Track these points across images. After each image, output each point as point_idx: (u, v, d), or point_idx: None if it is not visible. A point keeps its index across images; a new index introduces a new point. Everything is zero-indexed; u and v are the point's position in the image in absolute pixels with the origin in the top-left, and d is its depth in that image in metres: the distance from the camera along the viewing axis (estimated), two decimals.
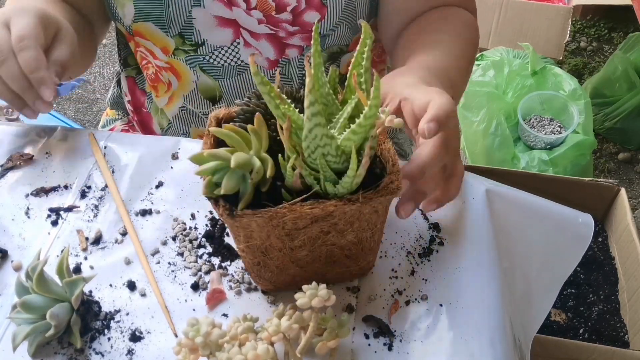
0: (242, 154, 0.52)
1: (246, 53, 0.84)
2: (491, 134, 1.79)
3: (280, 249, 0.57)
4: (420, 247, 0.67)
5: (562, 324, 1.31)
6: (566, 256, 0.73)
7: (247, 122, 0.55)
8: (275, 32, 0.82)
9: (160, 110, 0.95)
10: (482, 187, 0.71)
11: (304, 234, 0.55)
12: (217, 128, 0.53)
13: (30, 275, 0.58)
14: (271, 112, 0.52)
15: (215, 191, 0.52)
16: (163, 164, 0.75)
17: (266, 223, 0.52)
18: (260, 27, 0.81)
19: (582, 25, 2.46)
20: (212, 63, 0.85)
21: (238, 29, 0.82)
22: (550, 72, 1.90)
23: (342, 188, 0.52)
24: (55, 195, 0.72)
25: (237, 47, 0.83)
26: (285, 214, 0.52)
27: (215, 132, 0.53)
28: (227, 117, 0.60)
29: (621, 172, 2.02)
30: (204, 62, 0.85)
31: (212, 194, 0.53)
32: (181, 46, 0.84)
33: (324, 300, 0.53)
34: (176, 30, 0.82)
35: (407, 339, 0.60)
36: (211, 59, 0.84)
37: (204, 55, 0.84)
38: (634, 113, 1.96)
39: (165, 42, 0.84)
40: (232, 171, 0.52)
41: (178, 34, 0.82)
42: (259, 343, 0.54)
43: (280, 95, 0.51)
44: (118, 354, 0.59)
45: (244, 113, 0.58)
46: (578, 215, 0.72)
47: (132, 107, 0.99)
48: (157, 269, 0.65)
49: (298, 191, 0.54)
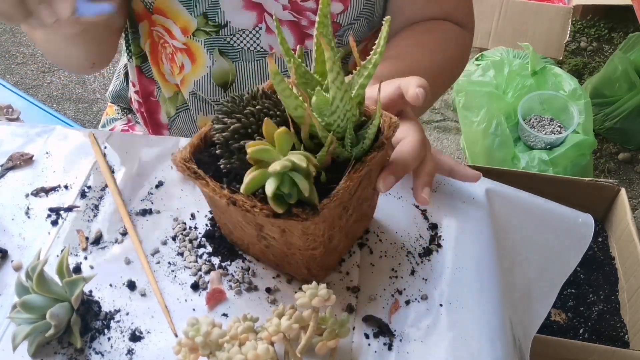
0: (299, 154, 0.52)
1: (266, 39, 0.84)
2: (491, 134, 1.80)
3: (340, 226, 0.58)
4: (420, 247, 0.67)
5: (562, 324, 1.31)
6: (566, 256, 0.73)
7: (242, 139, 0.55)
8: (298, 20, 0.83)
9: (168, 99, 0.95)
10: (482, 187, 0.71)
11: (354, 199, 0.57)
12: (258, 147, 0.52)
13: (30, 275, 0.58)
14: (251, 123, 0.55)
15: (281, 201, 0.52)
16: (163, 164, 0.75)
17: (336, 205, 0.54)
18: (284, 14, 0.82)
19: (582, 25, 2.46)
20: (232, 45, 0.85)
21: (262, 13, 0.82)
22: (550, 72, 1.90)
23: (369, 140, 0.55)
24: (55, 195, 0.72)
25: (259, 32, 0.84)
26: (349, 185, 0.54)
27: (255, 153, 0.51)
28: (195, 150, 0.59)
29: (621, 172, 2.02)
30: (224, 44, 0.85)
31: (284, 208, 0.52)
32: (203, 27, 0.83)
33: (324, 300, 0.54)
34: (201, 10, 0.81)
35: (407, 339, 0.60)
36: (232, 41, 0.84)
37: (225, 37, 0.84)
38: (634, 113, 1.97)
39: (186, 22, 0.83)
40: (298, 174, 0.51)
41: (202, 14, 0.82)
42: (259, 343, 0.54)
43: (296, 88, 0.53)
44: (118, 353, 0.59)
45: (234, 133, 0.56)
46: (578, 216, 0.72)
47: (141, 96, 0.99)
48: (157, 268, 0.65)
49: (325, 168, 0.55)
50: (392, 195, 0.71)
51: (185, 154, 0.58)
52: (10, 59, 2.46)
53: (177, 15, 0.83)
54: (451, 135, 2.14)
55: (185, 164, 0.57)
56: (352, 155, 0.56)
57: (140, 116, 1.02)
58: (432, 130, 2.15)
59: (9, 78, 2.36)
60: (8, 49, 2.50)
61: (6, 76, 2.37)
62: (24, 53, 2.49)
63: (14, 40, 2.54)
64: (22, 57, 2.47)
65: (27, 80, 2.37)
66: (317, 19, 0.54)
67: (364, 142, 0.55)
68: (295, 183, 0.51)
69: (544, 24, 2.13)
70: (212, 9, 0.81)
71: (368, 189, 0.60)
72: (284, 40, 0.54)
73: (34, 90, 2.32)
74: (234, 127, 0.56)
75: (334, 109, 0.53)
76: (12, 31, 2.57)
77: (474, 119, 1.83)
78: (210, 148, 0.59)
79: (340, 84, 0.51)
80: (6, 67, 2.42)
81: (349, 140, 0.55)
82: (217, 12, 0.82)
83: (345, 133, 0.55)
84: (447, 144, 2.11)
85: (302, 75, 0.56)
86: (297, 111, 0.53)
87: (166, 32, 0.86)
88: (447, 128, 2.16)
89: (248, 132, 0.56)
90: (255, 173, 0.52)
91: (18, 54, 2.49)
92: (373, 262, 0.66)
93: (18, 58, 2.47)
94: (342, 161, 0.56)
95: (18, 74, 2.39)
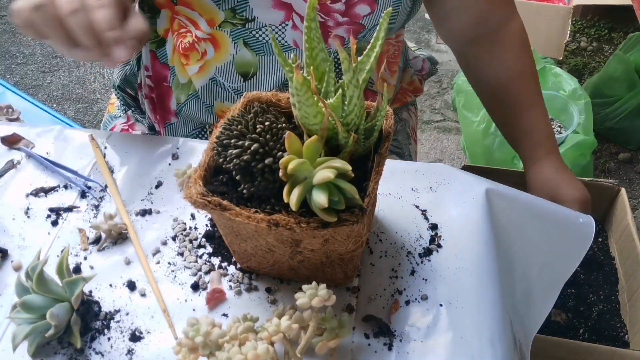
0: (337, 160, 0.52)
1: (291, 35, 0.85)
2: (491, 134, 1.80)
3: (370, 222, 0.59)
4: (420, 247, 0.67)
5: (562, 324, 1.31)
6: (567, 257, 0.73)
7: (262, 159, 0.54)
8: (324, 21, 0.83)
9: (181, 85, 0.95)
10: (482, 187, 0.71)
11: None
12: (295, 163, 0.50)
13: (30, 275, 0.58)
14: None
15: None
16: (163, 164, 0.75)
17: (374, 201, 0.55)
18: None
19: (582, 25, 2.46)
20: (256, 38, 0.85)
21: (291, 12, 0.83)
22: (550, 72, 1.90)
23: (376, 131, 0.57)
24: (55, 195, 0.72)
25: (285, 28, 0.84)
26: (377, 179, 0.55)
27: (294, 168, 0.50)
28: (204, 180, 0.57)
29: (621, 172, 2.02)
30: (249, 36, 0.85)
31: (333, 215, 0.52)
32: (230, 19, 0.84)
33: (324, 300, 0.54)
34: (230, 5, 0.82)
35: (407, 339, 0.60)
36: (257, 34, 0.85)
37: (251, 30, 0.84)
38: (634, 113, 1.96)
39: (213, 14, 0.84)
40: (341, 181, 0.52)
41: (230, 8, 0.82)
42: (259, 343, 0.54)
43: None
44: (118, 354, 0.59)
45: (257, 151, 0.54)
46: (579, 216, 0.72)
47: (153, 80, 0.99)
48: (157, 269, 0.65)
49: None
50: (392, 195, 0.71)
51: (199, 188, 0.55)
52: (10, 59, 2.46)
53: (205, 8, 0.83)
54: (451, 135, 2.14)
55: (205, 198, 0.54)
56: (366, 149, 0.57)
57: (148, 102, 1.02)
58: (432, 131, 2.15)
59: (9, 78, 2.36)
60: (8, 49, 2.50)
61: (6, 76, 2.37)
62: (24, 53, 2.49)
63: (14, 41, 2.54)
64: (22, 57, 2.47)
65: (27, 81, 2.37)
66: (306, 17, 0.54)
67: (373, 134, 0.57)
68: (339, 189, 0.51)
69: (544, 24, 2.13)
70: (240, 5, 0.82)
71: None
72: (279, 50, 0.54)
73: (34, 90, 2.32)
74: (254, 148, 0.53)
75: (352, 107, 0.53)
76: (12, 31, 2.57)
77: (474, 119, 1.83)
78: (219, 177, 0.57)
79: (357, 83, 0.52)
80: (6, 67, 2.43)
81: (362, 135, 0.56)
82: (245, 7, 0.82)
83: (358, 129, 0.56)
84: (447, 144, 2.11)
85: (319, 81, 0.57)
86: (317, 118, 0.53)
87: (191, 23, 0.86)
88: (447, 128, 2.16)
89: (266, 151, 0.54)
90: (300, 188, 0.50)
91: (18, 54, 2.49)
92: (373, 262, 0.65)
93: (18, 58, 2.47)
94: (357, 158, 0.57)
95: (18, 74, 2.39)
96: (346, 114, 0.54)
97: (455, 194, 0.71)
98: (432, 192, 0.71)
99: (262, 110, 0.58)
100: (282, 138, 0.54)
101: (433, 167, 0.73)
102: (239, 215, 0.53)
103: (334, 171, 0.50)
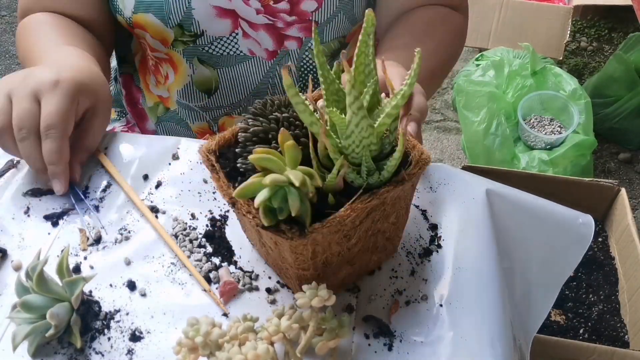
0: (298, 172, 0.50)
1: (245, 44, 0.85)
2: (491, 134, 1.80)
3: (339, 253, 0.57)
4: (420, 247, 0.67)
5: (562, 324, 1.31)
6: (566, 257, 0.73)
7: (260, 142, 0.55)
8: (273, 23, 0.83)
9: (149, 109, 0.96)
10: (482, 187, 0.71)
11: (359, 229, 0.56)
12: (259, 155, 0.51)
13: (30, 275, 0.58)
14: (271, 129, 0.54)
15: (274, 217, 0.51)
16: (163, 164, 0.75)
17: (331, 231, 0.52)
18: (258, 18, 0.82)
19: (582, 25, 2.46)
20: (210, 53, 0.85)
21: (237, 19, 0.82)
22: (550, 72, 1.90)
23: (388, 172, 0.53)
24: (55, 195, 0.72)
25: (236, 37, 0.84)
26: (349, 214, 0.52)
27: (256, 159, 0.51)
28: (223, 144, 0.59)
29: (621, 172, 2.02)
30: (202, 52, 0.85)
31: (272, 222, 0.51)
32: (180, 37, 0.84)
33: (324, 300, 0.54)
34: (175, 21, 0.82)
35: (407, 339, 0.60)
36: (210, 49, 0.85)
37: (203, 46, 0.85)
38: (634, 113, 1.96)
39: (164, 34, 0.84)
40: (293, 191, 0.50)
41: (177, 25, 0.83)
42: (259, 343, 0.54)
43: (312, 104, 0.52)
44: (118, 354, 0.59)
45: (253, 135, 0.56)
46: (578, 216, 0.72)
47: (127, 102, 1.00)
48: (158, 268, 0.65)
49: (339, 191, 0.54)
50: None
51: (211, 145, 0.58)
52: (10, 59, 2.46)
53: (154, 28, 0.84)
54: (451, 135, 2.13)
55: (207, 154, 0.57)
56: (365, 184, 0.53)
57: (133, 119, 1.03)
58: (432, 130, 2.15)
59: None
60: (8, 49, 2.50)
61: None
62: None
63: (14, 41, 2.54)
64: None
65: None
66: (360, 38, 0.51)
67: (382, 173, 0.53)
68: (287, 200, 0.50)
69: (544, 24, 2.13)
70: (186, 20, 0.82)
71: (384, 222, 0.58)
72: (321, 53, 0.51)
73: None
74: (254, 129, 0.55)
75: (349, 133, 0.51)
76: (12, 31, 2.57)
77: (474, 119, 1.83)
78: (237, 145, 0.59)
79: (357, 109, 0.49)
80: (6, 67, 2.42)
81: (365, 168, 0.53)
82: (191, 22, 0.82)
83: (362, 160, 0.53)
84: (447, 144, 2.11)
85: (334, 92, 0.54)
86: (313, 127, 0.52)
87: (148, 45, 0.88)
88: (447, 128, 2.16)
89: (268, 137, 0.55)
90: (251, 180, 0.51)
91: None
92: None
93: (18, 58, 2.47)
94: (357, 188, 0.54)
95: None
96: (346, 136, 0.51)
97: (455, 194, 0.71)
98: (432, 192, 0.71)
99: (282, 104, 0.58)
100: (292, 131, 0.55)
101: (433, 167, 0.73)
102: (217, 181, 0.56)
103: (281, 178, 0.49)
